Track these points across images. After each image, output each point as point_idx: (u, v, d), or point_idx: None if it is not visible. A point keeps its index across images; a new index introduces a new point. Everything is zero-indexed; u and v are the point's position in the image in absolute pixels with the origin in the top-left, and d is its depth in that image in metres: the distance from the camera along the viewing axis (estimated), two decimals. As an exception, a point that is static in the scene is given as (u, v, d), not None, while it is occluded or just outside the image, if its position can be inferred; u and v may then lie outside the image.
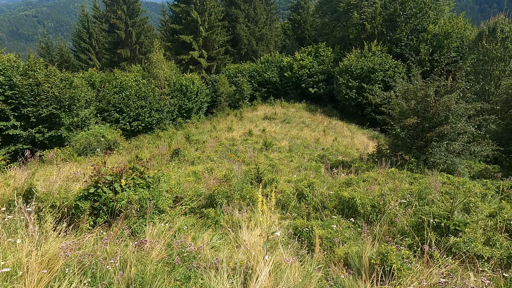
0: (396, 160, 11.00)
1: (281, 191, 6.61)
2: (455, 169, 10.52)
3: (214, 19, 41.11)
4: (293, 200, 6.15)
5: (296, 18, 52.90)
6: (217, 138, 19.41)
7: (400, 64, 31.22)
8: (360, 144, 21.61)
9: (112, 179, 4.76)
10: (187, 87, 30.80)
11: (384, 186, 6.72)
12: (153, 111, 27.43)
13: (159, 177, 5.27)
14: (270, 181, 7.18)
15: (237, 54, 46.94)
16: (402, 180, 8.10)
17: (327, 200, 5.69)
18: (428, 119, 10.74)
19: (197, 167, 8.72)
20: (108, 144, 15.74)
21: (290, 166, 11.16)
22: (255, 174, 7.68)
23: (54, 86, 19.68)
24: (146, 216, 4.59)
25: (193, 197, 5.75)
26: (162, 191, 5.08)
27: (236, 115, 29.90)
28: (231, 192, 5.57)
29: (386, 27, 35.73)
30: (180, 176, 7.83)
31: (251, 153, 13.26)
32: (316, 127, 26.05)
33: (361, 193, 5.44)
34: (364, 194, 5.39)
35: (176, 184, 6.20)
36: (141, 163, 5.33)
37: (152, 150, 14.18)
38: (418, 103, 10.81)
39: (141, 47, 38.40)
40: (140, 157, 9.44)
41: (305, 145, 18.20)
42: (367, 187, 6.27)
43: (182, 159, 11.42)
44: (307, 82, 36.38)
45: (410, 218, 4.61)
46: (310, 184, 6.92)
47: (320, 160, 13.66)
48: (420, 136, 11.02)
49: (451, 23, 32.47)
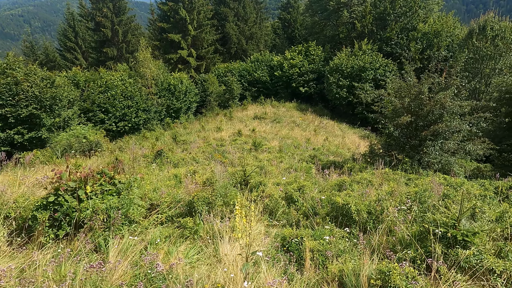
0: (389, 160, 10.60)
1: (269, 195, 6.10)
2: (450, 169, 10.16)
3: (203, 18, 40.42)
4: (281, 206, 5.65)
5: (286, 17, 52.51)
6: (205, 139, 18.82)
7: (391, 63, 31.04)
8: (351, 144, 21.27)
9: (75, 186, 4.19)
10: (175, 87, 30.11)
11: (380, 190, 6.27)
12: (140, 111, 26.68)
13: (131, 183, 4.71)
14: (257, 185, 6.67)
15: (227, 53, 46.34)
16: (398, 181, 7.66)
17: (319, 206, 5.20)
18: (422, 117, 10.36)
19: (179, 170, 8.15)
20: (90, 145, 15.03)
21: (280, 167, 10.67)
22: (242, 177, 7.17)
23: (34, 85, 18.85)
24: (114, 228, 4.04)
25: (171, 204, 5.20)
26: (134, 198, 4.53)
27: (226, 115, 29.33)
28: (213, 198, 5.04)
29: (376, 25, 35.58)
30: (160, 179, 7.27)
31: (240, 154, 12.74)
32: (307, 127, 25.65)
33: (355, 198, 4.95)
34: (359, 199, 4.91)
35: (152, 190, 5.65)
36: (111, 167, 4.76)
37: (136, 152, 13.55)
38: (412, 101, 10.42)
39: (128, 46, 37.53)
40: (120, 160, 8.85)
41: (296, 145, 17.75)
42: (361, 191, 5.80)
43: (165, 160, 10.82)
44: (298, 81, 35.99)
45: (411, 227, 4.15)
46: (300, 187, 6.43)
47: (311, 160, 13.20)
48: (414, 135, 10.64)
49: (440, 21, 32.44)
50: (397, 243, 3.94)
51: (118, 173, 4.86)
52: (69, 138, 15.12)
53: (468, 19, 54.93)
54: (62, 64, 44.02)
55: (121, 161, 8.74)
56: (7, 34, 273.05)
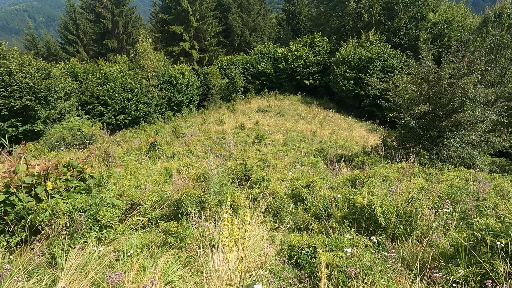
0: (405, 153, 9.70)
1: (273, 192, 5.26)
2: (472, 163, 9.24)
3: (205, 9, 39.45)
4: (287, 205, 4.82)
5: (291, 8, 51.20)
6: (206, 131, 17.98)
7: (399, 54, 29.89)
8: (359, 137, 20.33)
9: (32, 182, 3.39)
10: (177, 79, 29.23)
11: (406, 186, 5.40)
12: (140, 104, 25.88)
13: (104, 178, 3.89)
14: (259, 180, 5.84)
15: (230, 46, 45.34)
16: (427, 177, 6.77)
17: (333, 206, 4.35)
18: (442, 106, 9.42)
19: (171, 164, 7.31)
20: (85, 138, 14.26)
21: (285, 161, 9.82)
22: (242, 171, 6.33)
23: (28, 76, 18.10)
24: (77, 235, 3.23)
25: (156, 203, 4.38)
26: (107, 197, 3.71)
27: (229, 108, 28.45)
28: (205, 196, 4.21)
29: (384, 15, 34.36)
30: (149, 174, 6.47)
31: (241, 147, 11.91)
32: (312, 120, 24.71)
33: (379, 197, 4.08)
34: (384, 198, 4.04)
35: (135, 186, 4.84)
36: (82, 159, 3.93)
37: (132, 145, 12.79)
38: (431, 88, 9.47)
39: (129, 38, 36.68)
40: (109, 152, 8.07)
41: (301, 138, 16.86)
42: (383, 188, 4.93)
43: (159, 153, 9.99)
44: (303, 74, 34.96)
45: (455, 235, 3.29)
46: (309, 184, 5.59)
47: (318, 153, 12.33)
48: (432, 125, 9.71)
49: (451, 11, 31.16)
50: (438, 256, 3.10)
51: (91, 166, 4.05)
52: (63, 130, 14.35)
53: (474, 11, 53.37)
54: (63, 57, 43.28)
55: (110, 154, 7.97)
56: (11, 29, 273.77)
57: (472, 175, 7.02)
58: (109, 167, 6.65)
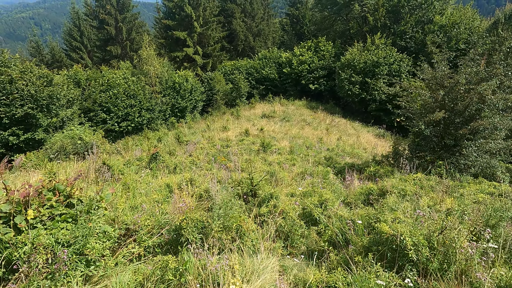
0: (419, 162, 9.21)
1: (283, 212, 4.81)
2: (493, 173, 8.72)
3: (209, 14, 39.28)
4: (299, 227, 4.37)
5: (294, 13, 51.01)
6: (210, 139, 17.58)
7: (406, 57, 29.40)
8: (367, 143, 19.81)
9: (10, 210, 2.98)
10: (180, 85, 28.96)
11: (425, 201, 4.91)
12: (143, 110, 25.60)
13: (93, 203, 3.45)
14: (267, 197, 5.39)
15: (234, 51, 45.12)
16: (450, 192, 6.28)
17: (351, 231, 3.88)
18: (459, 113, 8.93)
19: (172, 178, 6.87)
20: (86, 147, 13.90)
21: (293, 172, 9.37)
22: (248, 186, 5.89)
23: (30, 84, 17.86)
24: (60, 274, 2.80)
25: (154, 229, 3.94)
26: (97, 226, 3.28)
27: (233, 114, 28.07)
28: (208, 221, 3.76)
29: (389, 19, 33.93)
30: (149, 191, 6.03)
31: (247, 156, 11.48)
32: (318, 125, 24.24)
33: (408, 224, 3.59)
34: (414, 226, 3.54)
35: (130, 208, 4.41)
36: (70, 181, 3.51)
37: (131, 154, 12.40)
38: (446, 94, 8.98)
39: (132, 44, 36.57)
40: (108, 164, 7.66)
41: (308, 145, 16.39)
42: (404, 205, 4.44)
43: (161, 165, 9.56)
44: (307, 78, 34.57)
45: (502, 273, 2.82)
46: (322, 202, 5.14)
47: (327, 162, 11.85)
48: (448, 133, 9.21)
49: (458, 13, 30.62)
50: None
51: (80, 189, 3.62)
52: (64, 139, 14.02)
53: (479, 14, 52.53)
54: (68, 64, 43.33)
55: (110, 167, 7.56)
56: (18, 36, 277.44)
57: (497, 188, 6.51)
58: (108, 181, 6.24)
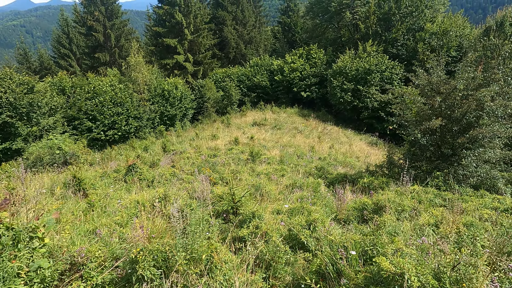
0: (415, 173, 8.69)
1: (265, 234, 4.19)
2: (493, 185, 8.22)
3: (200, 22, 38.87)
4: (283, 253, 3.75)
5: (286, 21, 50.90)
6: (198, 148, 16.91)
7: (398, 65, 29.24)
8: (359, 152, 19.33)
9: None
10: (170, 92, 28.33)
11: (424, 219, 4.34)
12: (131, 118, 24.87)
13: (20, 234, 2.78)
14: (249, 216, 4.76)
15: (225, 58, 44.71)
16: (447, 204, 5.73)
17: (343, 260, 3.27)
18: (456, 120, 8.45)
19: (143, 195, 6.15)
20: (65, 157, 13.14)
21: (281, 184, 8.77)
22: (230, 202, 5.28)
23: (9, 91, 17.10)
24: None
25: (107, 262, 3.29)
26: (28, 262, 2.62)
27: (223, 122, 27.48)
28: (172, 251, 3.11)
29: (380, 26, 33.88)
30: (116, 209, 5.36)
31: (234, 167, 10.85)
32: (310, 133, 23.75)
33: (412, 258, 2.99)
34: (419, 259, 2.95)
35: (83, 235, 3.75)
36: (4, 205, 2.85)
37: (107, 166, 11.68)
38: (443, 101, 8.50)
39: (121, 51, 35.90)
40: (78, 178, 6.97)
41: (299, 155, 15.82)
42: (409, 232, 3.85)
43: (137, 177, 8.86)
44: (299, 86, 34.22)
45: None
46: (310, 223, 4.53)
47: (318, 173, 11.27)
48: (446, 142, 8.71)
49: (449, 21, 30.67)
50: None
51: (12, 214, 2.98)
52: (42, 149, 13.25)
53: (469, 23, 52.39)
54: (56, 71, 42.46)
55: (80, 180, 6.87)
56: (8, 44, 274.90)
57: (501, 202, 5.98)
58: (69, 199, 5.57)
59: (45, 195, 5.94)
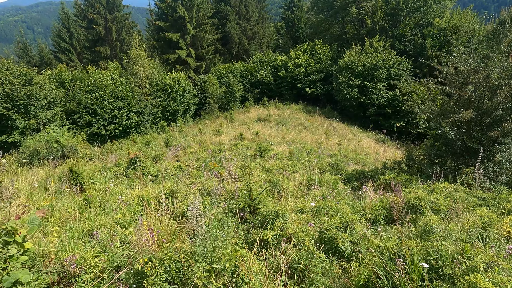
0: (441, 170, 8.03)
1: (292, 236, 3.55)
2: (527, 182, 7.57)
3: (202, 16, 38.16)
4: (319, 261, 3.12)
5: (290, 16, 50.12)
6: (202, 143, 16.26)
7: (405, 60, 28.51)
8: (369, 149, 18.68)
9: None
10: (172, 87, 27.66)
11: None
12: (132, 113, 24.23)
13: None
14: (271, 215, 4.11)
15: (228, 54, 43.99)
16: (485, 203, 5.10)
17: (401, 273, 2.63)
18: (487, 113, 7.79)
19: (148, 190, 5.48)
20: (63, 151, 12.50)
21: (295, 180, 8.13)
22: (246, 199, 4.64)
23: (6, 82, 16.46)
24: None
25: (105, 272, 2.65)
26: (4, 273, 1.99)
27: (227, 118, 26.82)
28: (188, 260, 2.47)
29: (387, 21, 33.12)
30: (117, 206, 4.72)
31: (242, 162, 10.22)
32: (316, 130, 23.09)
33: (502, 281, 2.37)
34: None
35: (77, 237, 3.11)
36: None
37: (108, 159, 11.05)
38: (474, 91, 7.83)
39: (123, 45, 35.24)
40: (76, 171, 6.35)
41: (308, 151, 15.16)
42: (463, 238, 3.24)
43: (141, 171, 8.20)
44: (304, 82, 33.48)
45: None
46: (347, 224, 3.89)
47: (332, 169, 10.62)
48: (474, 136, 8.05)
49: (459, 16, 29.88)
50: None
51: None
52: (37, 143, 12.61)
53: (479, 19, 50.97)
54: (56, 66, 41.78)
55: (77, 174, 6.25)
56: (9, 40, 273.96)
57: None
58: (64, 193, 4.94)
59: (38, 189, 5.32)
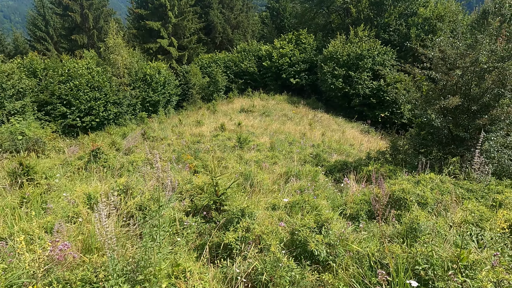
0: (426, 160, 7.64)
1: (260, 237, 3.02)
2: None
3: (185, 4, 36.93)
4: (286, 270, 2.60)
5: (275, 6, 49.26)
6: (180, 134, 15.56)
7: (390, 50, 28.26)
8: (353, 139, 18.35)
9: None
10: (152, 77, 26.64)
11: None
12: (109, 104, 23.18)
13: None
14: (237, 214, 3.57)
15: (211, 43, 42.92)
16: (473, 195, 4.70)
17: (383, 285, 2.15)
18: (474, 99, 7.40)
19: (97, 187, 4.85)
20: (27, 143, 11.63)
21: (274, 172, 7.62)
22: (211, 195, 4.08)
23: (-32, 71, 15.34)
24: None
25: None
26: None
27: (209, 108, 26.09)
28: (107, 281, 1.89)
29: (372, 11, 32.75)
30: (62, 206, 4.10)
31: (220, 154, 9.64)
32: (300, 120, 22.64)
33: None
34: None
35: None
36: None
37: (70, 152, 10.28)
38: (461, 76, 7.41)
39: (100, 33, 33.81)
40: (27, 165, 5.66)
41: (291, 141, 14.68)
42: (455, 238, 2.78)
43: (102, 165, 7.51)
44: (288, 72, 32.93)
45: None
46: (322, 224, 3.39)
47: (314, 161, 10.17)
48: (460, 124, 7.67)
49: (443, 5, 29.75)
50: None
51: None
52: (0, 134, 11.71)
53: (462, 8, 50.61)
54: (31, 56, 39.94)
55: (27, 168, 5.57)
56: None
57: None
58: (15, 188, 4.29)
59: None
